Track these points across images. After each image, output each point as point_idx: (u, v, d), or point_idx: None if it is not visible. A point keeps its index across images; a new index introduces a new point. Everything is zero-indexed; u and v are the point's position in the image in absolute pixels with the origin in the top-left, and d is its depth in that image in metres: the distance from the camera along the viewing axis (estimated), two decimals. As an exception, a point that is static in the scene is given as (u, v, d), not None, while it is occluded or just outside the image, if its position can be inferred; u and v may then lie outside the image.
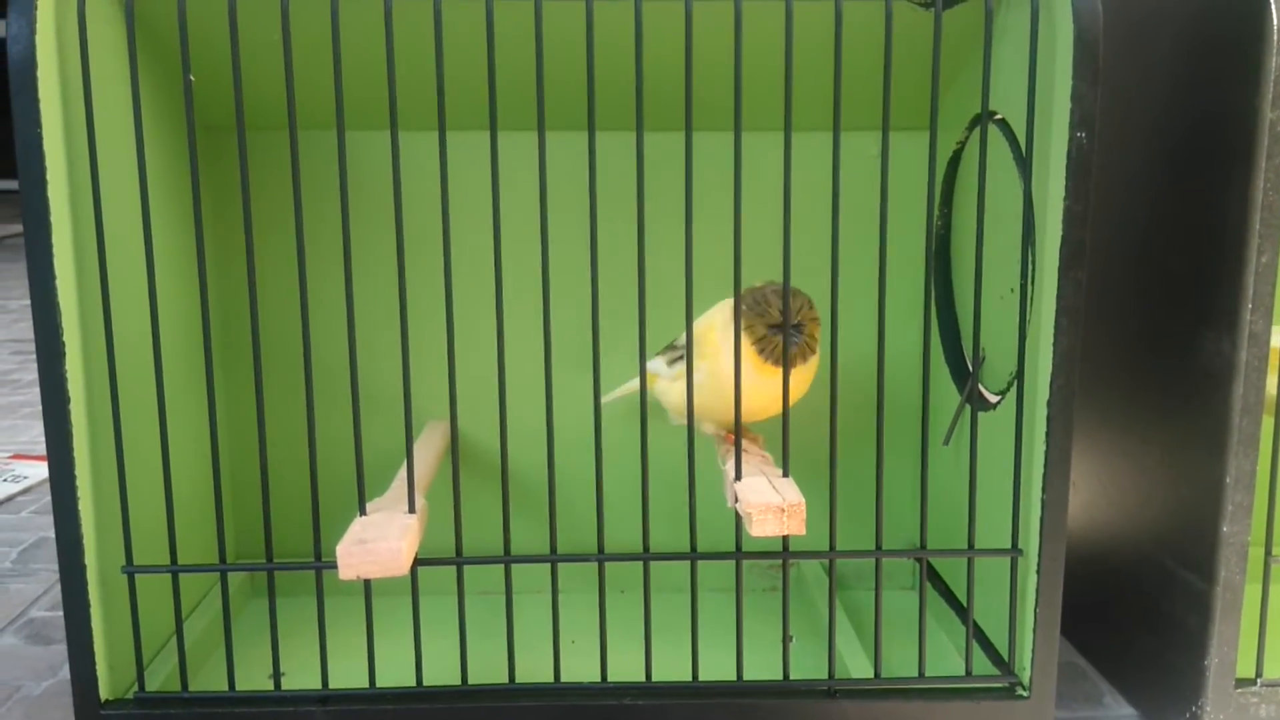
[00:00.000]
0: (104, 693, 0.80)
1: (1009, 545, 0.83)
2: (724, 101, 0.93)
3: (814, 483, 0.91)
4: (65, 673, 0.96)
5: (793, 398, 0.81)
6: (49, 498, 0.78)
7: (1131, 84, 0.92)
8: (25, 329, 2.72)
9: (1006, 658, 0.84)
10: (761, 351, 0.80)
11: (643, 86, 0.74)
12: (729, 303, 0.84)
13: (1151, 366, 0.89)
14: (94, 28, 0.76)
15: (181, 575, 0.82)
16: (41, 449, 1.69)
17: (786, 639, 0.83)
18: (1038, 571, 0.81)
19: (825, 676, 0.84)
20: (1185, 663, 0.84)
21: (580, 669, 0.87)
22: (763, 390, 0.81)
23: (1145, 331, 0.90)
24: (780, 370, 0.79)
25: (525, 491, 1.08)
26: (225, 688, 0.82)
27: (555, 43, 0.85)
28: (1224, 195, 0.79)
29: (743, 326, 0.80)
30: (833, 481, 0.81)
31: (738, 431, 0.81)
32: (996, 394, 0.89)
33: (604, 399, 0.93)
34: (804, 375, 0.83)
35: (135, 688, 0.82)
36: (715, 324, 0.84)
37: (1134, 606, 0.92)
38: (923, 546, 0.82)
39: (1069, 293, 0.77)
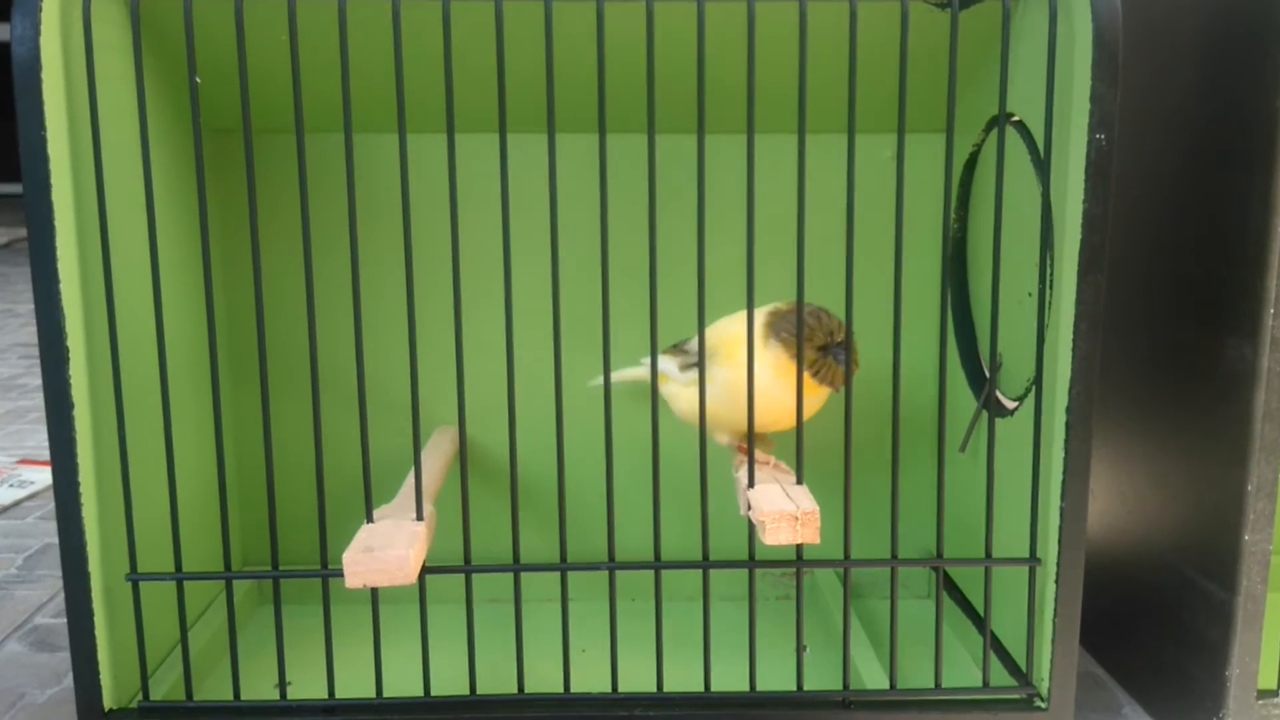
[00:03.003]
0: (108, 701, 0.79)
1: (1027, 554, 0.81)
2: (737, 103, 0.92)
3: (828, 490, 0.90)
4: (70, 681, 0.95)
5: (818, 409, 0.82)
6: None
7: (1150, 85, 0.91)
8: (33, 333, 2.72)
9: (1024, 668, 0.83)
10: (816, 374, 0.80)
11: (654, 88, 0.73)
12: (744, 314, 0.83)
13: (1172, 372, 0.88)
14: (99, 29, 0.75)
15: (186, 583, 0.81)
16: (48, 454, 1.68)
17: (800, 649, 0.82)
18: (1056, 581, 0.79)
19: (840, 687, 0.83)
20: (1206, 673, 0.82)
21: (590, 679, 0.86)
22: (782, 403, 0.81)
23: (1165, 337, 0.89)
24: (823, 388, 0.81)
25: (535, 498, 1.07)
26: (230, 697, 0.81)
27: (565, 44, 0.85)
28: (1245, 198, 0.78)
29: (785, 348, 0.80)
30: (847, 489, 0.79)
31: (750, 443, 0.79)
32: (1014, 400, 0.88)
33: (613, 377, 0.90)
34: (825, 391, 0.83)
35: (140, 696, 0.81)
36: (735, 335, 0.83)
37: (1154, 616, 0.90)
38: (939, 555, 0.81)
39: (1088, 297, 0.76)
